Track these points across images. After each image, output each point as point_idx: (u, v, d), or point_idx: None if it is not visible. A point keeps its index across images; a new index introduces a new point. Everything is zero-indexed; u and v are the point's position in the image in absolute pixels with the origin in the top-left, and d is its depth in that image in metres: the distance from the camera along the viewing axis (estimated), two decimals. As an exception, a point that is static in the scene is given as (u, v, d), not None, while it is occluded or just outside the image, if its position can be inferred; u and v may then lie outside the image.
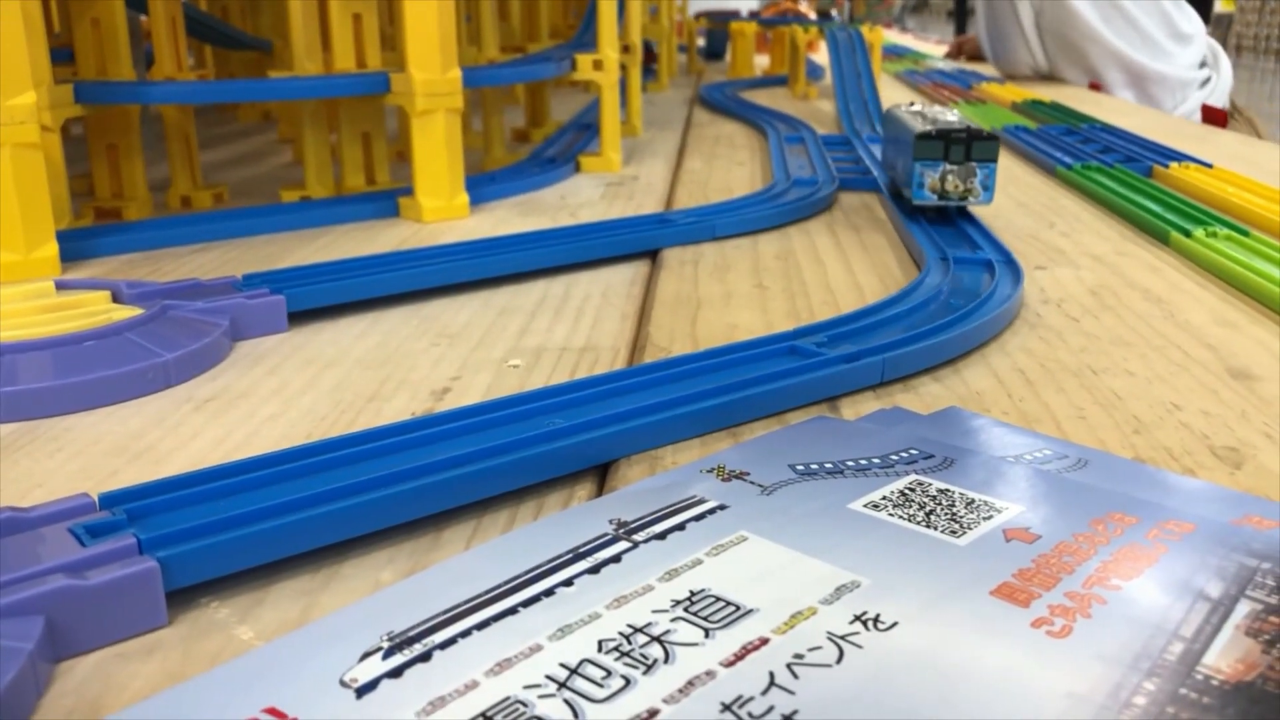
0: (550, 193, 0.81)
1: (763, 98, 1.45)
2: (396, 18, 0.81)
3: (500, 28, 1.06)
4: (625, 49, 1.03)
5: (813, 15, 2.52)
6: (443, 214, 0.70)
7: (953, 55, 2.23)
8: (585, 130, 1.03)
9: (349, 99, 0.74)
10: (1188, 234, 0.62)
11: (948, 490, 0.30)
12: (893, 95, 1.46)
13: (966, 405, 0.39)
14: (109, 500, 0.28)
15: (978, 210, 0.69)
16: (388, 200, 0.72)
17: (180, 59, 0.76)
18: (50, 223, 0.57)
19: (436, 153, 0.69)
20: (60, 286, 0.48)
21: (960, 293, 0.49)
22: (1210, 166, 0.84)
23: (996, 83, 1.60)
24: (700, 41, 2.31)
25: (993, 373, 0.42)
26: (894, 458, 0.32)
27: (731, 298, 0.52)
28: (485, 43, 0.96)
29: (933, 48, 2.55)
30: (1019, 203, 0.77)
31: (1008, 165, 0.94)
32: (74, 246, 0.60)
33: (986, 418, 0.37)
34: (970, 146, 0.59)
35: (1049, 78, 1.72)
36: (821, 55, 1.93)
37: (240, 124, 1.20)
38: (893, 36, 2.95)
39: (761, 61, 1.99)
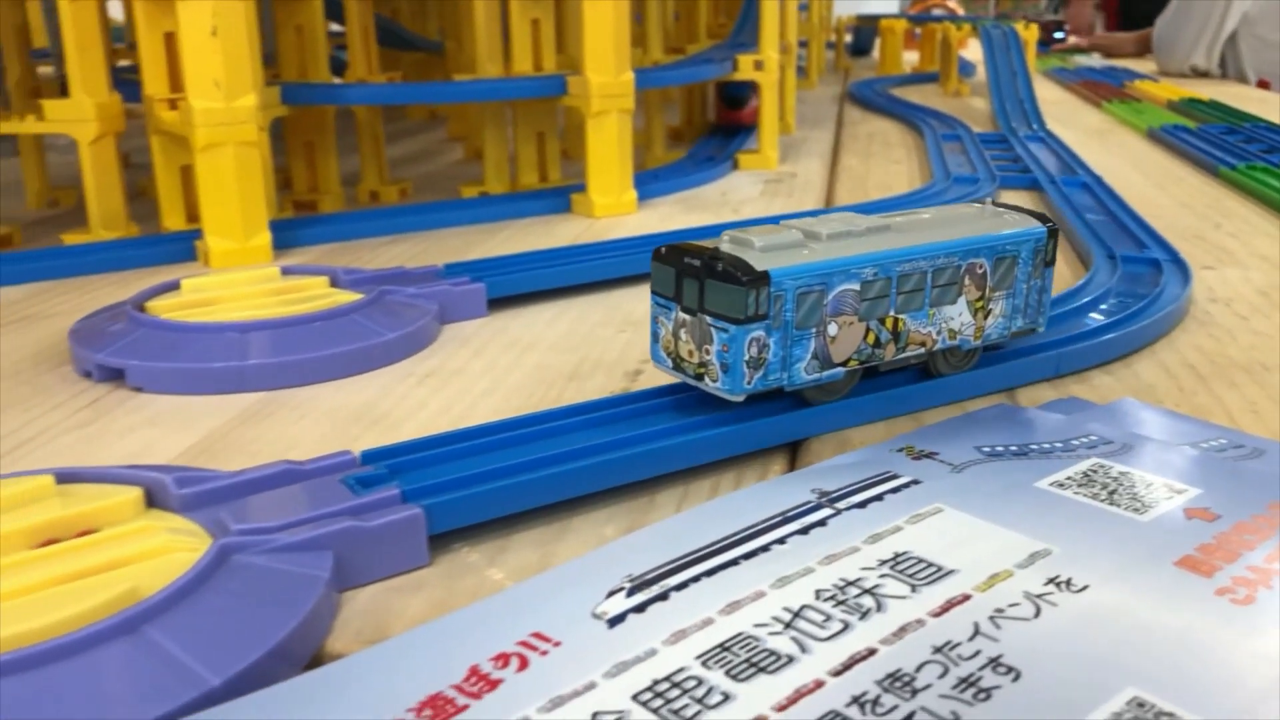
0: (711, 189, 0.84)
1: (913, 95, 1.45)
2: (570, 23, 0.85)
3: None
4: (783, 48, 1.05)
5: (961, 12, 2.49)
6: (613, 210, 0.74)
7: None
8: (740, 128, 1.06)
9: (525, 100, 0.79)
10: (1362, 236, 0.62)
11: (1128, 472, 0.32)
12: (1044, 93, 1.45)
13: (1139, 398, 0.40)
14: (369, 457, 0.32)
15: (1143, 208, 0.69)
16: (561, 196, 0.76)
17: (372, 62, 0.82)
18: (264, 214, 0.62)
19: (609, 151, 0.73)
20: (285, 272, 0.53)
21: (1128, 291, 0.51)
22: (1386, 167, 0.82)
23: (1150, 80, 1.57)
24: (847, 38, 2.31)
25: (1163, 367, 0.44)
26: (1075, 442, 0.34)
27: (900, 292, 0.54)
28: (650, 45, 1.00)
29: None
30: (1182, 203, 0.77)
31: (1166, 165, 0.93)
32: (280, 236, 0.66)
33: (1160, 409, 0.38)
34: (705, 286, 0.33)
35: (1214, 78, 1.68)
36: (971, 52, 1.92)
37: (409, 122, 1.26)
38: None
39: (910, 58, 1.98)
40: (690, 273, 0.34)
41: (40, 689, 0.22)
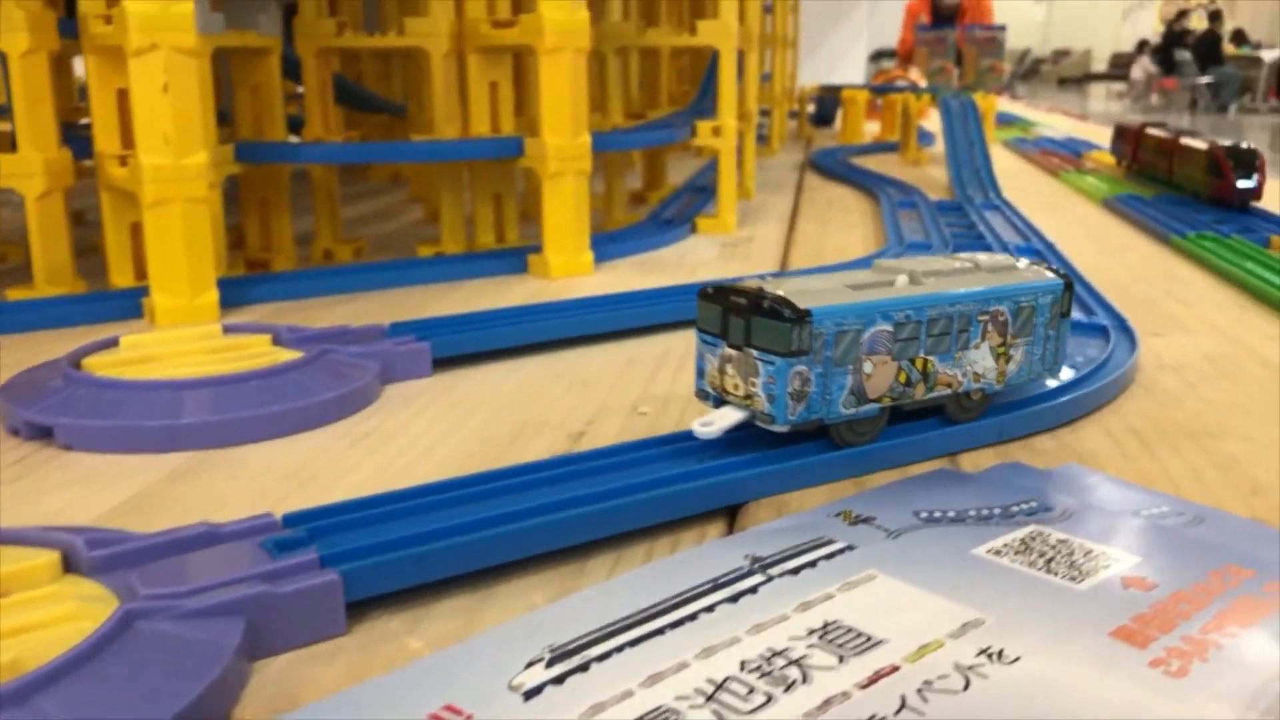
0: (669, 252, 0.84)
1: (873, 164, 1.47)
2: (529, 87, 0.85)
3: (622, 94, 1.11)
4: (741, 116, 1.06)
5: (923, 84, 2.53)
6: (569, 270, 0.73)
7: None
8: (700, 193, 1.06)
9: (483, 161, 0.79)
10: (1308, 305, 0.62)
11: (1066, 540, 0.31)
12: (1002, 163, 1.47)
13: (1083, 463, 0.40)
14: (291, 520, 0.31)
15: (1094, 275, 0.69)
16: (517, 257, 0.75)
17: (329, 122, 0.81)
18: (211, 272, 0.62)
19: (565, 213, 0.73)
20: (227, 330, 0.52)
21: (1075, 358, 0.51)
22: (1333, 238, 0.83)
23: (1108, 150, 1.60)
24: (810, 108, 2.34)
25: (1108, 434, 0.43)
26: (1014, 509, 0.33)
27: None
28: (610, 110, 1.00)
29: (1044, 115, 2.55)
30: (1133, 271, 0.77)
31: (1119, 233, 0.94)
32: (229, 294, 0.65)
33: (1103, 474, 0.38)
34: (751, 323, 0.36)
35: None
36: (932, 122, 1.94)
37: (371, 183, 1.26)
38: (1003, 104, 2.94)
39: (871, 128, 2.01)
40: (736, 311, 0.37)
41: (-86, 764, 0.21)
